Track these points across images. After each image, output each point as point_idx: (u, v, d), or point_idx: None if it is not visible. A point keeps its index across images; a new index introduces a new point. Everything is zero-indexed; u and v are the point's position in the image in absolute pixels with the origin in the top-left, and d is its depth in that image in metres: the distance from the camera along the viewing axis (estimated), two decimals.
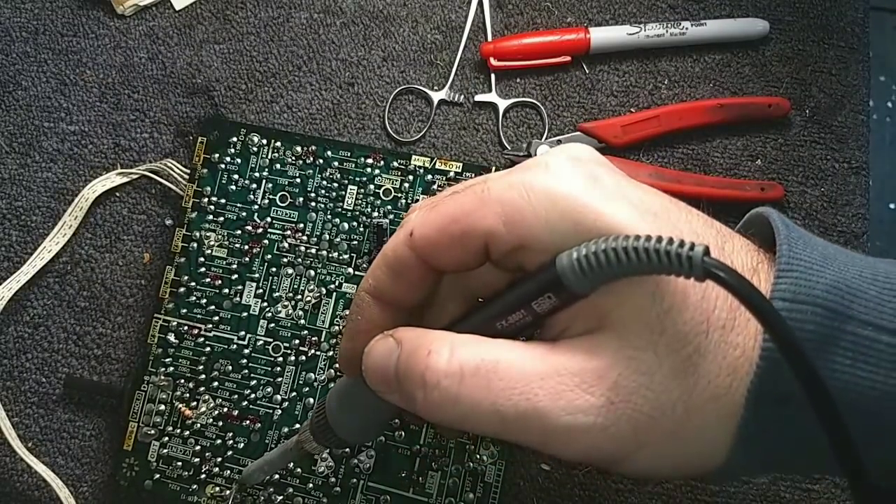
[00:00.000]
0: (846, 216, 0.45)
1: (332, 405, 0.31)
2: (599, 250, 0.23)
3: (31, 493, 0.44)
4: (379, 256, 0.28)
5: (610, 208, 0.24)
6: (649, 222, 0.24)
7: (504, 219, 0.25)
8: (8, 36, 0.50)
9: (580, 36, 0.47)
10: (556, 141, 0.46)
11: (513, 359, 0.25)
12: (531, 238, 0.25)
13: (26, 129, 0.48)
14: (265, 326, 0.43)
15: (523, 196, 0.25)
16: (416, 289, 0.28)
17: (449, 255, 0.27)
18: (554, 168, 0.25)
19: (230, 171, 0.44)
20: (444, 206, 0.26)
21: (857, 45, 0.47)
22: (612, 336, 0.24)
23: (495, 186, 0.26)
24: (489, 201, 0.25)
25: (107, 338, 0.46)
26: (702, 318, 0.24)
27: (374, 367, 0.27)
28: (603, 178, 0.25)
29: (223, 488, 0.42)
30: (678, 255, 0.22)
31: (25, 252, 0.47)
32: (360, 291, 0.29)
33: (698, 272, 0.22)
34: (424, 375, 0.25)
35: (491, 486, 0.40)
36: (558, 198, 0.24)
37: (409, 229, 0.27)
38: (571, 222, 0.24)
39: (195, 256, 0.43)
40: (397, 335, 0.27)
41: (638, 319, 0.24)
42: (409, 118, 0.47)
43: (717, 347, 0.24)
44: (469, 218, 0.26)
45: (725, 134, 0.46)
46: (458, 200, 0.26)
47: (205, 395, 0.42)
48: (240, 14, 0.49)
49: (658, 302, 0.24)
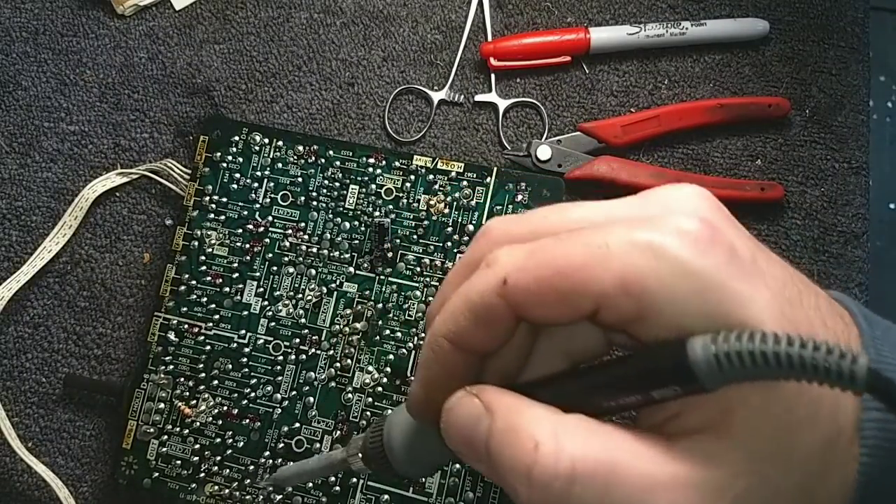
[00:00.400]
0: (846, 216, 0.45)
1: (394, 439, 0.29)
2: (745, 350, 0.20)
3: (31, 493, 0.44)
4: (462, 300, 0.25)
5: (748, 291, 0.22)
6: (787, 313, 0.22)
7: (623, 284, 0.22)
8: (8, 36, 0.50)
9: (580, 36, 0.47)
10: (556, 141, 0.46)
11: (630, 461, 0.22)
12: (652, 310, 0.22)
13: (26, 129, 0.48)
14: (266, 325, 0.43)
15: (650, 262, 0.22)
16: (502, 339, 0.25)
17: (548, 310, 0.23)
18: (687, 232, 0.22)
19: (232, 170, 0.44)
20: (548, 256, 0.23)
21: (857, 45, 0.47)
22: (738, 444, 0.22)
23: (616, 242, 0.22)
24: (607, 259, 0.22)
25: (107, 337, 0.46)
26: (833, 428, 0.22)
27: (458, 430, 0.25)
28: (739, 249, 0.22)
29: (222, 487, 0.41)
30: (839, 367, 0.19)
31: (25, 252, 0.47)
32: (436, 336, 0.25)
33: (860, 386, 0.19)
34: (532, 473, 0.22)
35: (491, 485, 0.40)
36: (692, 272, 0.21)
37: (500, 275, 0.23)
38: (704, 301, 0.21)
39: (196, 255, 0.43)
40: (486, 398, 0.24)
41: (768, 428, 0.22)
42: (409, 118, 0.47)
43: (841, 460, 0.23)
44: (580, 275, 0.22)
45: (725, 134, 0.46)
46: (567, 251, 0.23)
47: (205, 394, 0.42)
48: (240, 14, 0.49)
49: (793, 410, 0.22)
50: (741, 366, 0.20)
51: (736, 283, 0.22)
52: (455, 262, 0.42)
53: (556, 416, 0.23)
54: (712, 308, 0.21)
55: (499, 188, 0.42)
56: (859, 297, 0.44)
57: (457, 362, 0.25)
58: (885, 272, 1.02)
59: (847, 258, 0.45)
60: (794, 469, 0.22)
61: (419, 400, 0.27)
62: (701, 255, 0.22)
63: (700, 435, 0.22)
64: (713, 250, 0.22)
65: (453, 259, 0.42)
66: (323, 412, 0.42)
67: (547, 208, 0.26)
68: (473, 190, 0.43)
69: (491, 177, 0.43)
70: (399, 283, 0.42)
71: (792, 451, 0.22)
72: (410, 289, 0.42)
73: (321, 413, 0.42)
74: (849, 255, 0.45)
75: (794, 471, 0.22)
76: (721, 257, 0.22)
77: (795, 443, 0.22)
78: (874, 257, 0.46)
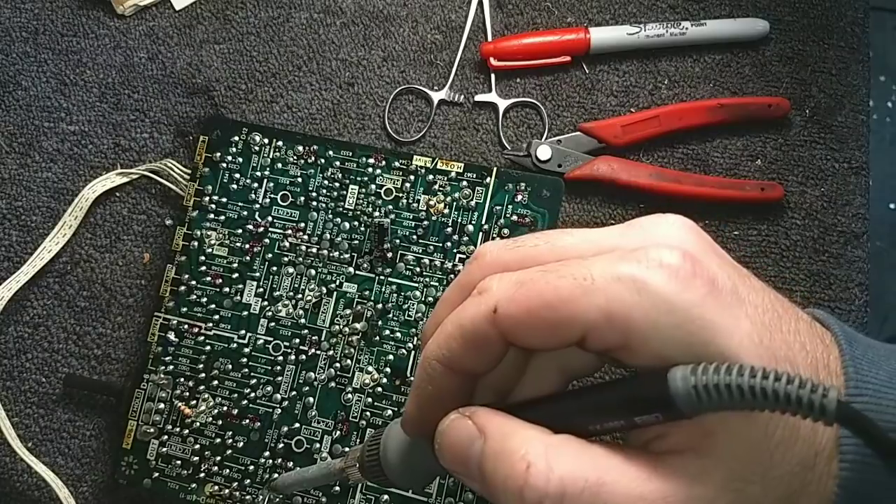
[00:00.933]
0: (846, 216, 0.45)
1: (391, 454, 0.29)
2: (722, 383, 0.21)
3: (31, 493, 0.44)
4: (454, 325, 0.26)
5: (727, 323, 0.23)
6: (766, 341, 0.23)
7: (608, 315, 0.23)
8: (8, 36, 0.50)
9: (580, 36, 0.47)
10: (556, 141, 0.46)
11: (617, 479, 0.23)
12: (636, 341, 0.23)
13: (26, 129, 0.48)
14: (265, 325, 0.43)
15: (633, 296, 0.23)
16: (492, 362, 0.26)
17: (536, 338, 0.25)
18: (669, 265, 0.23)
19: (231, 170, 0.44)
20: (537, 287, 0.24)
21: (857, 45, 0.47)
22: (720, 463, 0.23)
23: (600, 276, 0.23)
24: (593, 292, 0.23)
25: (107, 338, 0.46)
26: (811, 451, 0.23)
27: (452, 451, 0.26)
28: (719, 281, 0.23)
29: (222, 487, 0.41)
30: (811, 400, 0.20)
31: (25, 252, 0.47)
32: (430, 359, 0.26)
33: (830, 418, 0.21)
34: (523, 493, 0.23)
35: None
36: (673, 306, 0.22)
37: (491, 303, 0.25)
38: (686, 333, 0.22)
39: (196, 255, 0.44)
40: (478, 420, 0.25)
41: (748, 450, 0.23)
42: (409, 118, 0.47)
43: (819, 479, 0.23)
44: (567, 307, 0.23)
45: (725, 134, 0.46)
46: (554, 283, 0.24)
47: (204, 394, 0.42)
48: (240, 14, 0.49)
49: (770, 435, 0.23)
50: (718, 397, 0.21)
51: (716, 316, 0.23)
52: (454, 262, 0.42)
53: (545, 437, 0.24)
54: (693, 340, 0.22)
55: (498, 188, 0.42)
56: (859, 297, 0.44)
57: (449, 383, 0.26)
58: (885, 272, 1.02)
59: (847, 258, 0.45)
60: (774, 486, 0.23)
61: (414, 418, 0.28)
62: (682, 289, 0.23)
63: (683, 454, 0.23)
64: (694, 284, 0.23)
65: (453, 259, 0.42)
66: (323, 412, 0.42)
67: (537, 235, 0.27)
68: (473, 190, 0.43)
69: (490, 177, 0.43)
70: (399, 284, 0.42)
71: (771, 470, 0.23)
72: (410, 289, 0.42)
73: (321, 413, 0.42)
74: (849, 255, 0.45)
75: (775, 488, 0.23)
76: (701, 290, 0.23)
77: (775, 462, 0.23)
78: (874, 257, 0.46)
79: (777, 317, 0.24)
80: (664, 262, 0.23)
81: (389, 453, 0.29)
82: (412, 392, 0.28)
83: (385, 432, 0.30)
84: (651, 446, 0.24)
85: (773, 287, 0.45)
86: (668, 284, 0.23)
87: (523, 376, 0.28)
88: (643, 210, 0.45)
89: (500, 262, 0.26)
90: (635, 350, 0.23)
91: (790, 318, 0.25)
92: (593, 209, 0.46)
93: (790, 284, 0.44)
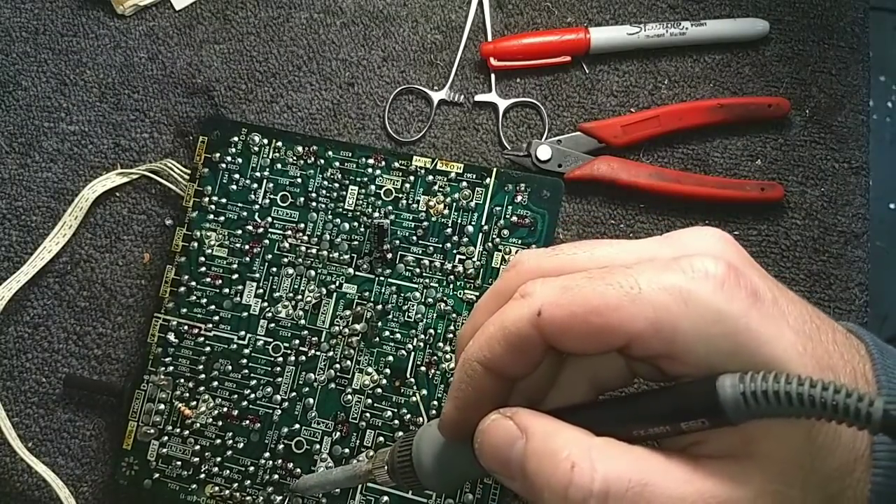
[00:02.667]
0: (846, 216, 0.45)
1: (424, 456, 0.29)
2: (770, 390, 0.22)
3: (31, 493, 0.44)
4: (496, 327, 0.26)
5: (772, 332, 0.23)
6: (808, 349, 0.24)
7: (655, 325, 0.23)
8: (8, 36, 0.50)
9: (580, 36, 0.47)
10: (556, 141, 0.46)
11: (659, 481, 0.23)
12: (682, 350, 0.23)
13: (26, 129, 0.48)
14: (265, 326, 0.43)
15: (680, 305, 0.23)
16: (531, 366, 0.26)
17: (579, 343, 0.25)
18: (713, 275, 0.23)
19: (231, 171, 0.44)
20: (582, 293, 0.24)
21: (857, 45, 0.47)
22: (760, 467, 0.23)
23: (647, 286, 0.23)
24: (640, 301, 0.23)
25: (107, 338, 0.46)
26: (851, 456, 0.24)
27: (493, 451, 0.26)
28: (761, 291, 0.24)
29: (222, 488, 0.42)
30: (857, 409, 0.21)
31: (25, 252, 0.47)
32: (471, 361, 0.27)
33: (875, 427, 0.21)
34: (568, 492, 0.23)
35: (490, 486, 0.40)
36: (721, 315, 0.23)
37: (535, 306, 0.25)
38: (732, 343, 0.23)
39: (196, 256, 0.44)
40: (520, 421, 0.25)
41: (789, 455, 0.23)
42: (409, 118, 0.47)
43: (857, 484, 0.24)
44: (614, 315, 0.24)
45: (725, 134, 0.46)
46: (600, 291, 0.24)
47: (204, 395, 0.42)
48: (240, 14, 0.49)
49: (813, 440, 0.23)
50: (766, 404, 0.22)
51: (761, 326, 0.23)
52: (454, 263, 0.42)
53: (588, 438, 0.24)
54: (739, 349, 0.23)
55: (498, 189, 0.42)
56: (859, 297, 0.44)
57: (488, 385, 0.27)
58: (885, 272, 1.02)
59: (847, 258, 0.45)
60: (813, 491, 0.23)
61: (452, 420, 0.28)
62: (728, 299, 0.23)
63: (724, 459, 0.24)
64: (738, 294, 0.23)
65: (452, 260, 0.42)
66: (323, 413, 0.42)
67: (574, 245, 0.27)
68: (473, 191, 0.43)
69: (490, 178, 0.43)
70: (398, 285, 0.42)
71: (812, 475, 0.23)
72: (410, 290, 0.42)
73: (321, 414, 0.42)
74: (849, 255, 0.45)
75: (814, 492, 0.23)
76: (746, 300, 0.23)
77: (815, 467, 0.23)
78: (874, 257, 0.46)
79: (816, 327, 0.25)
80: (709, 273, 0.23)
81: (423, 456, 0.29)
82: (451, 394, 0.28)
83: (418, 434, 0.30)
84: (690, 450, 0.24)
85: None
86: (715, 294, 0.23)
87: (554, 386, 0.28)
88: (643, 210, 0.45)
89: (539, 270, 0.27)
90: (680, 358, 0.23)
91: (827, 328, 0.25)
92: (593, 209, 0.46)
93: (790, 284, 0.44)
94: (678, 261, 0.24)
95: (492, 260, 0.42)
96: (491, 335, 0.26)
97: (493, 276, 0.42)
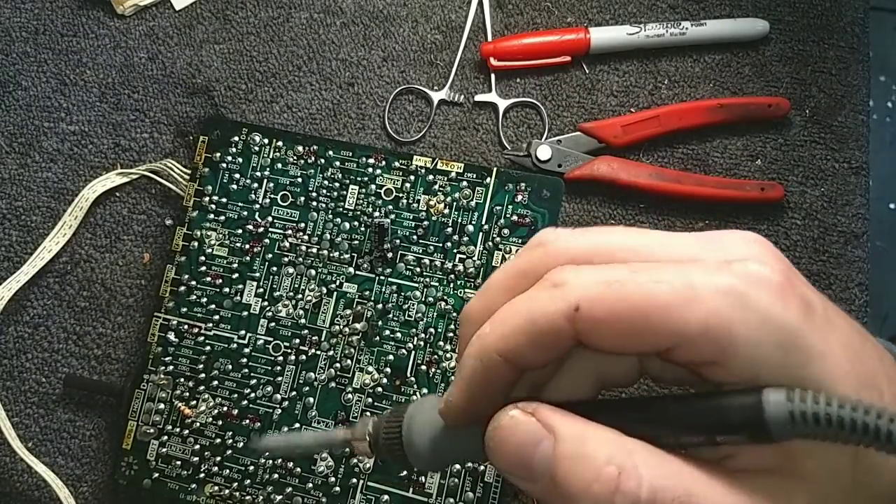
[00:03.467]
0: (846, 216, 0.45)
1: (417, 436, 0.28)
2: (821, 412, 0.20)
3: (31, 493, 0.44)
4: (526, 319, 0.24)
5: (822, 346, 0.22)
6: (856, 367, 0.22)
7: (707, 329, 0.22)
8: (8, 36, 0.50)
9: (580, 36, 0.47)
10: (556, 141, 0.46)
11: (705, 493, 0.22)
12: (731, 356, 0.22)
13: (26, 129, 0.48)
14: (265, 326, 0.43)
15: (736, 310, 0.21)
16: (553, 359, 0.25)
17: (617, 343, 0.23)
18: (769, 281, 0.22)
19: (231, 171, 0.44)
20: (627, 290, 0.22)
21: (857, 45, 0.47)
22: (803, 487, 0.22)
23: (703, 285, 0.22)
24: (693, 303, 0.22)
25: (107, 338, 0.46)
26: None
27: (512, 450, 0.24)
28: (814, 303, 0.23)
29: (222, 487, 0.41)
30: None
31: (25, 252, 0.47)
32: (490, 351, 0.24)
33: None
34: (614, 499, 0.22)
35: (491, 486, 0.40)
36: (777, 323, 0.21)
37: (572, 300, 0.23)
38: (784, 354, 0.22)
39: (196, 255, 0.44)
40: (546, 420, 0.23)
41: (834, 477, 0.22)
42: (409, 118, 0.47)
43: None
44: (662, 314, 0.22)
45: (725, 134, 0.46)
46: (648, 288, 0.22)
47: (204, 394, 0.42)
48: (240, 14, 0.49)
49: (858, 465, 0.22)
50: (815, 425, 0.20)
51: (812, 338, 0.22)
52: (454, 262, 0.42)
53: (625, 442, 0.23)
54: (790, 361, 0.22)
55: (498, 189, 0.42)
56: (859, 297, 0.44)
57: (504, 375, 0.25)
58: (885, 272, 1.02)
59: (847, 258, 0.45)
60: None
61: (459, 409, 0.26)
62: (784, 308, 0.22)
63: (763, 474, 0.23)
64: (793, 303, 0.22)
65: (453, 259, 0.42)
66: (323, 413, 0.42)
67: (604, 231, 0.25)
68: (473, 190, 0.43)
69: (490, 177, 0.43)
70: (399, 284, 0.42)
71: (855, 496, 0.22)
72: (410, 289, 0.42)
73: (321, 413, 0.42)
74: (849, 255, 0.45)
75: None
76: (800, 311, 0.22)
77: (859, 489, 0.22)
78: (874, 257, 0.46)
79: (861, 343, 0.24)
80: (767, 278, 0.22)
81: (416, 436, 0.28)
82: (459, 381, 0.26)
83: (409, 412, 0.28)
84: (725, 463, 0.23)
85: None
86: (773, 302, 0.22)
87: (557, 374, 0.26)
88: (643, 210, 0.45)
89: (568, 254, 0.25)
90: (726, 366, 0.22)
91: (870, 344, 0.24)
92: (593, 209, 0.46)
93: None
94: (731, 263, 0.22)
95: (492, 259, 0.42)
96: (516, 326, 0.24)
97: None
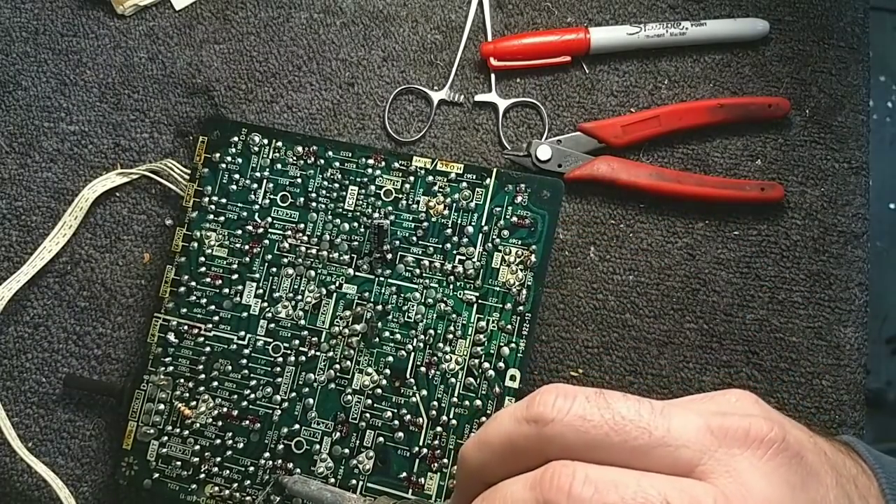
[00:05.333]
0: (846, 216, 0.45)
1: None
2: None
3: (31, 493, 0.44)
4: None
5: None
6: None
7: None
8: (8, 36, 0.50)
9: (580, 36, 0.47)
10: (556, 141, 0.46)
11: None
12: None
13: (26, 129, 0.48)
14: (265, 326, 0.43)
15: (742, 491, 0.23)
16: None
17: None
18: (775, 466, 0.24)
19: (231, 171, 0.44)
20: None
21: (857, 45, 0.47)
22: None
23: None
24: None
25: (107, 338, 0.46)
26: None
27: None
28: (809, 484, 0.24)
29: (222, 488, 0.42)
30: None
31: (25, 252, 0.47)
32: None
33: None
34: None
35: None
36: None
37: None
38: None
39: (195, 256, 0.44)
40: None
41: None
42: (409, 118, 0.47)
43: None
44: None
45: (725, 134, 0.46)
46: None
47: (204, 395, 0.42)
48: (240, 14, 0.49)
49: None
50: None
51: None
52: (454, 263, 0.42)
53: None
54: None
55: (498, 190, 0.42)
56: (859, 297, 0.44)
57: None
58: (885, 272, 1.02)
59: (847, 258, 0.45)
60: None
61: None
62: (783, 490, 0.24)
63: None
64: (790, 479, 0.24)
65: (453, 261, 0.42)
66: (322, 414, 0.42)
67: (603, 408, 0.25)
68: (473, 191, 0.43)
69: (490, 178, 0.42)
70: (398, 285, 0.42)
71: None
72: (410, 290, 0.42)
73: (321, 414, 0.42)
74: (849, 255, 0.45)
75: None
76: (792, 487, 0.24)
77: None
78: (874, 257, 0.46)
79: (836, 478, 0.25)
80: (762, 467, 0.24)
81: None
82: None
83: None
84: None
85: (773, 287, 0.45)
86: (771, 490, 0.23)
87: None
88: (643, 210, 0.45)
89: (568, 447, 0.25)
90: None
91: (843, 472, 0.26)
92: (593, 209, 0.46)
93: (790, 284, 0.44)
94: (736, 432, 0.24)
95: (492, 260, 0.42)
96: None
97: (492, 277, 0.41)
